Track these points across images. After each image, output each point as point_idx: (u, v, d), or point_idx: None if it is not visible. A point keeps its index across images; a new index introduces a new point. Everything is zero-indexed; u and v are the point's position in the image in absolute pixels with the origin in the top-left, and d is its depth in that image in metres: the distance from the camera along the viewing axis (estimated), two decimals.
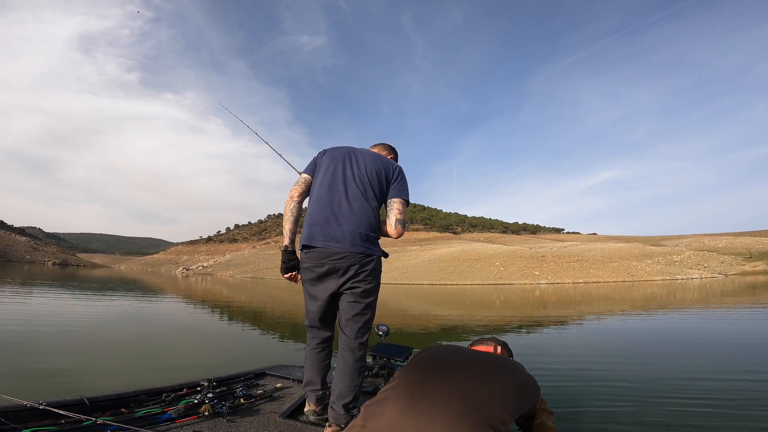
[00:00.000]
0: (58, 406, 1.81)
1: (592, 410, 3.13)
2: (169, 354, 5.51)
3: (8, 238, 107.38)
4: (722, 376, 4.23)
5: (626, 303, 14.07)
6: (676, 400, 3.38)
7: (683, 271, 35.40)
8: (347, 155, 2.12)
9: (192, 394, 2.24)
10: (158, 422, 1.91)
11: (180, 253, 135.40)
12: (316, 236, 1.97)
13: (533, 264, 38.23)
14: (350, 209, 1.98)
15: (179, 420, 1.95)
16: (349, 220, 1.96)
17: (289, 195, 2.11)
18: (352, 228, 1.95)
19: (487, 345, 1.85)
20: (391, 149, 2.43)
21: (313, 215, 2.02)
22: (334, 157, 2.11)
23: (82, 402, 1.96)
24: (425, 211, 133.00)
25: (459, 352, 1.51)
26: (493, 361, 1.45)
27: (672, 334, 7.35)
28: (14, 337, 5.82)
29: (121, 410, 2.02)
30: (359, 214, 1.98)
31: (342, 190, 2.01)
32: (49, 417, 1.78)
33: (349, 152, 2.14)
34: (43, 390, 3.46)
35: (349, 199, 2.00)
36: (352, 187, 2.02)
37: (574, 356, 5.42)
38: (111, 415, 1.92)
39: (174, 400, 2.18)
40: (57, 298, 12.93)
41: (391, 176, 2.12)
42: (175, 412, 1.99)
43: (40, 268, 47.38)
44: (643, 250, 47.30)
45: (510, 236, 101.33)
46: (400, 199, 2.10)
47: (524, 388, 1.37)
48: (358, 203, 2.00)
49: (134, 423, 1.85)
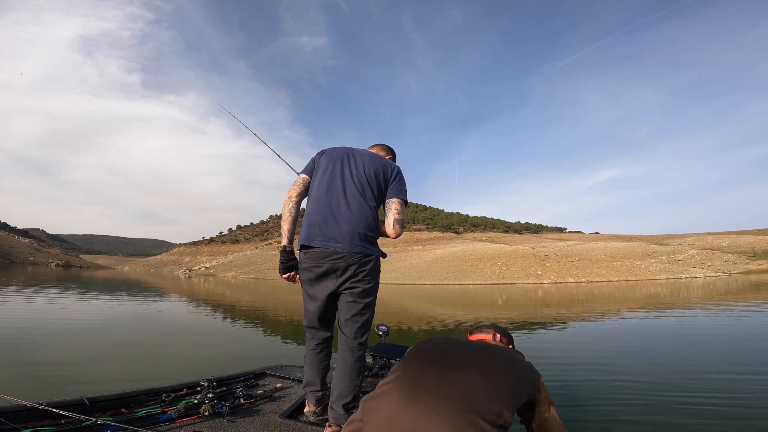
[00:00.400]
0: (59, 406, 1.81)
1: (597, 409, 3.12)
2: (170, 354, 5.51)
3: (11, 240, 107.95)
4: (732, 375, 4.20)
5: (630, 302, 14.01)
6: (684, 398, 3.35)
7: (687, 270, 35.20)
8: (345, 156, 2.11)
9: (192, 395, 2.24)
10: (158, 422, 1.91)
11: (182, 254, 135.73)
12: (315, 236, 1.96)
13: (536, 263, 38.12)
14: (348, 209, 1.98)
15: (179, 420, 1.95)
16: (347, 220, 1.96)
17: (288, 195, 2.09)
18: (350, 228, 1.95)
19: (486, 333, 1.81)
20: (389, 150, 2.42)
21: (312, 215, 2.01)
22: (332, 158, 2.11)
23: (83, 402, 1.96)
24: (427, 211, 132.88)
25: (456, 345, 1.47)
26: (491, 352, 1.41)
27: (679, 332, 7.31)
28: (17, 338, 5.84)
29: (121, 410, 2.01)
30: (357, 214, 1.98)
31: (340, 190, 2.01)
32: (50, 417, 1.78)
33: (347, 153, 2.13)
34: (45, 388, 3.47)
35: (348, 199, 1.99)
36: (351, 187, 2.02)
37: (579, 355, 5.41)
38: (111, 415, 1.92)
39: (174, 400, 2.18)
40: (59, 299, 12.97)
41: (390, 176, 2.12)
42: (175, 413, 1.98)
43: (44, 270, 47.60)
44: (646, 249, 47.08)
45: (512, 236, 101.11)
46: (399, 199, 2.10)
47: (523, 378, 1.33)
48: (357, 203, 1.99)
49: (134, 423, 1.85)
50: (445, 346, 1.44)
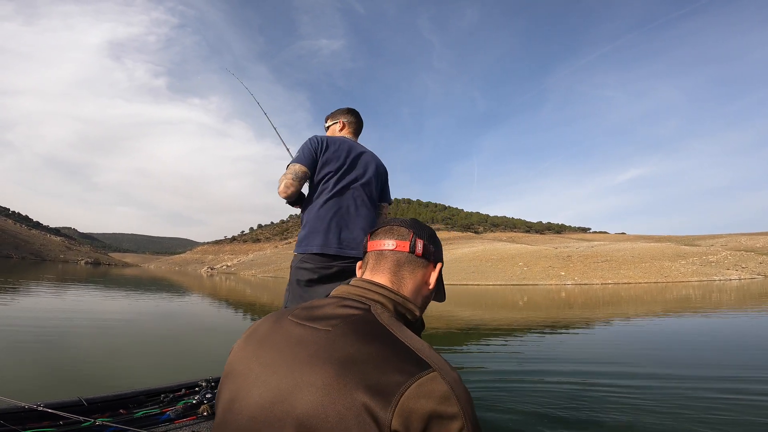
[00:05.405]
0: (57, 408, 1.81)
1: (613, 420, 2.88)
2: (178, 352, 5.51)
3: (44, 238, 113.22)
4: None
5: (661, 304, 13.43)
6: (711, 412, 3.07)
7: (720, 271, 33.81)
8: (351, 155, 2.06)
9: (190, 395, 2.23)
10: (157, 423, 1.90)
11: (206, 253, 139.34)
12: (332, 243, 1.91)
13: (559, 264, 37.30)
14: (359, 214, 2.00)
15: (178, 420, 1.94)
16: (360, 227, 1.98)
17: (291, 188, 1.92)
18: (362, 234, 1.96)
19: (386, 238, 0.89)
20: (357, 121, 2.25)
21: (324, 220, 1.93)
22: (338, 156, 2.02)
23: (81, 403, 1.95)
24: (446, 211, 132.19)
25: (281, 339, 0.74)
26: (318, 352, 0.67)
27: (719, 334, 6.88)
28: (22, 337, 5.97)
29: (120, 411, 2.00)
30: (367, 219, 2.01)
31: (351, 195, 2.01)
32: (48, 418, 1.77)
33: (351, 150, 2.07)
34: (51, 385, 3.47)
35: (358, 204, 2.01)
36: (360, 191, 2.03)
37: (601, 361, 5.11)
38: (110, 416, 1.91)
39: (173, 400, 2.17)
40: (81, 296, 13.38)
41: (385, 179, 2.19)
42: (173, 413, 1.98)
43: (73, 267, 49.60)
44: (676, 250, 45.46)
45: (534, 236, 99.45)
46: (388, 203, 2.21)
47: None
48: (366, 209, 2.03)
49: (133, 424, 1.84)
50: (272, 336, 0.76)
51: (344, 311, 0.72)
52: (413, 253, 0.85)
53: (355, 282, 0.83)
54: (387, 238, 0.87)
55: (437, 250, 0.93)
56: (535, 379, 4.03)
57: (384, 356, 0.62)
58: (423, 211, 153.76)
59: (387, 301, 0.78)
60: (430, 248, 0.89)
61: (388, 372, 0.59)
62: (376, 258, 0.87)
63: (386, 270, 0.84)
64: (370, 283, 0.81)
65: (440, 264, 0.92)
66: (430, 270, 0.89)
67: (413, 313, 0.82)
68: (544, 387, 3.74)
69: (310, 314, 0.74)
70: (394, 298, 0.80)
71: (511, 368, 4.57)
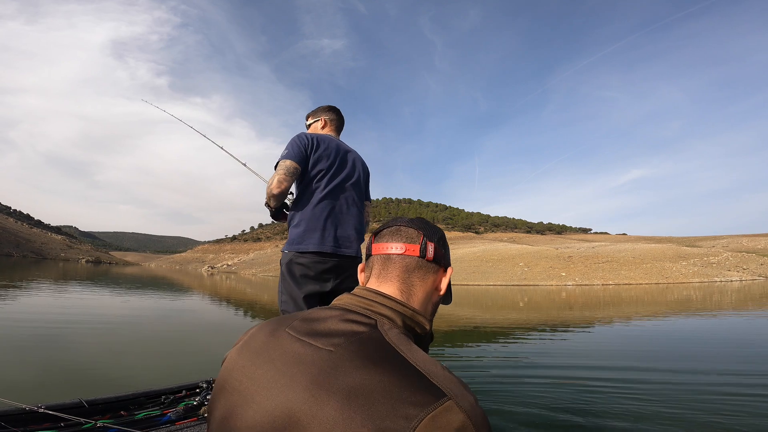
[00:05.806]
0: (57, 409, 1.81)
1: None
2: (178, 352, 5.51)
3: (44, 237, 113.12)
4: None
5: (663, 305, 13.39)
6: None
7: (721, 273, 33.72)
8: (341, 154, 2.10)
9: (191, 396, 2.23)
10: (158, 425, 1.89)
11: (206, 252, 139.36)
12: (327, 241, 1.95)
13: (559, 265, 37.23)
14: (350, 213, 2.05)
15: (179, 422, 1.93)
16: (352, 225, 2.04)
17: (285, 182, 1.92)
18: (355, 233, 2.04)
19: (393, 241, 0.81)
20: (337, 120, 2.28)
21: (319, 220, 1.96)
22: (328, 155, 2.04)
23: (81, 405, 1.94)
24: (447, 211, 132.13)
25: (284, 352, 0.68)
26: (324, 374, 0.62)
27: (721, 335, 6.86)
28: (18, 337, 5.96)
29: (120, 413, 2.00)
30: (357, 218, 2.08)
31: (344, 195, 2.06)
32: (49, 420, 1.77)
33: (340, 149, 2.11)
34: (46, 386, 3.46)
35: (350, 203, 2.07)
36: (351, 191, 2.09)
37: (604, 361, 5.10)
38: (110, 418, 1.90)
39: (173, 402, 2.16)
40: (81, 296, 13.38)
41: (368, 177, 2.27)
42: (174, 415, 1.97)
43: (74, 266, 49.55)
44: (677, 251, 45.35)
45: (534, 236, 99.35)
46: (370, 202, 2.29)
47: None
48: (356, 208, 2.09)
49: (134, 426, 1.83)
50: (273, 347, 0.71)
51: (348, 327, 0.64)
52: (424, 257, 0.77)
53: (360, 292, 0.75)
54: (394, 240, 0.78)
55: (447, 252, 0.85)
56: (535, 380, 4.03)
57: (393, 385, 0.54)
58: (424, 211, 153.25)
59: (395, 314, 0.71)
60: (441, 252, 0.80)
61: (398, 405, 0.51)
62: (383, 263, 0.77)
63: (394, 277, 0.76)
64: (377, 294, 0.73)
65: (451, 268, 0.84)
66: (440, 275, 0.80)
67: (423, 327, 0.75)
68: (545, 387, 3.73)
69: (310, 328, 0.65)
70: (402, 311, 0.72)
71: (511, 368, 4.57)
